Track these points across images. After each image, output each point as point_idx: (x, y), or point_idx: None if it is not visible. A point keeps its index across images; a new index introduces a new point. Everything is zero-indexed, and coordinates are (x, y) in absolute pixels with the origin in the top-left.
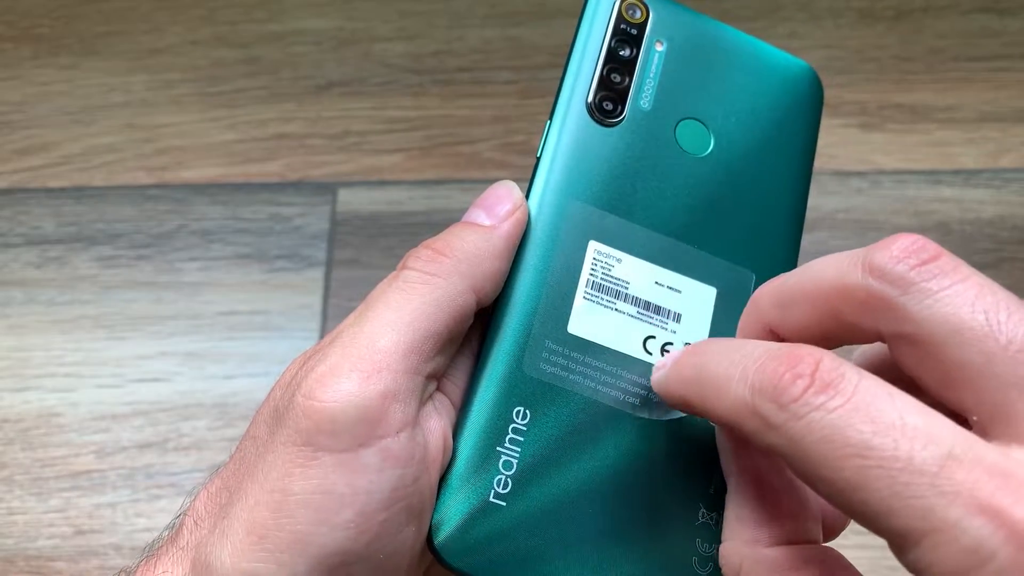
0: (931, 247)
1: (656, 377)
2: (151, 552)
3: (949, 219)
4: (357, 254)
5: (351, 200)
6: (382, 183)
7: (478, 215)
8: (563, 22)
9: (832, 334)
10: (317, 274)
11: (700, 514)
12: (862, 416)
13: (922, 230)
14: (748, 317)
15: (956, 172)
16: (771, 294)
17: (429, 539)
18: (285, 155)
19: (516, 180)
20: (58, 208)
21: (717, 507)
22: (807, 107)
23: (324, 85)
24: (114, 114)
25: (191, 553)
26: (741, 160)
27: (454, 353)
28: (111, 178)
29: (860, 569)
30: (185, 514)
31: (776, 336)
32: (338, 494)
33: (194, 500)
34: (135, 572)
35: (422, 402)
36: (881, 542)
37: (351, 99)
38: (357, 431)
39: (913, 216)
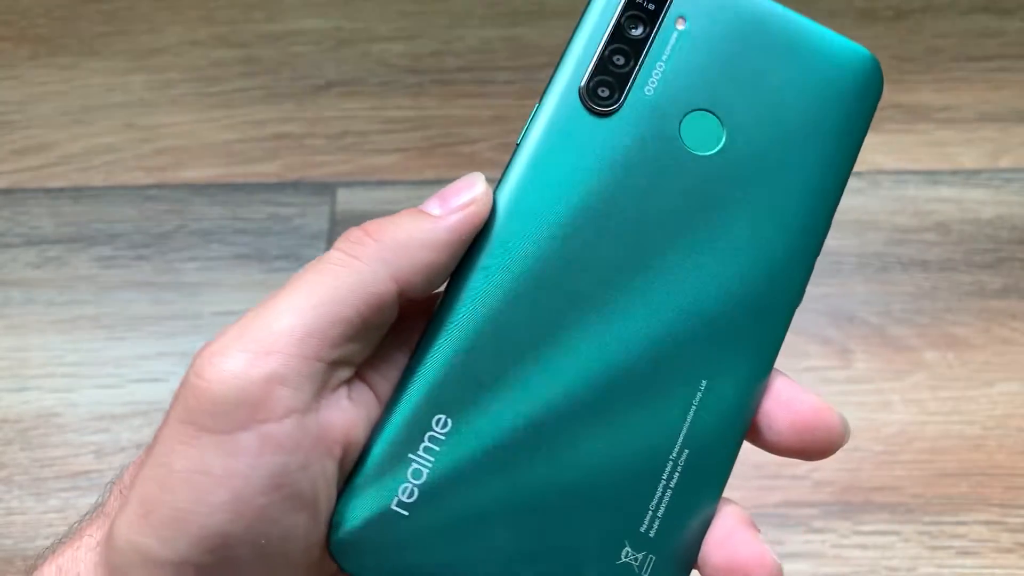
0: None
1: None
2: (87, 518)
3: (948, 219)
4: None
5: (350, 200)
6: (381, 183)
7: (431, 204)
8: (563, 22)
9: None
10: None
11: (624, 553)
12: None
13: (921, 230)
14: None
15: (955, 172)
16: None
17: (327, 536)
18: (284, 155)
19: None
20: (57, 208)
21: (645, 548)
22: (855, 105)
23: (323, 85)
24: (113, 114)
25: (110, 520)
26: (755, 163)
27: (377, 342)
28: (110, 178)
29: (860, 569)
30: (115, 483)
31: None
32: (214, 475)
33: (124, 472)
34: (70, 535)
35: (327, 389)
36: (882, 543)
37: (350, 99)
38: (236, 414)
39: (912, 216)
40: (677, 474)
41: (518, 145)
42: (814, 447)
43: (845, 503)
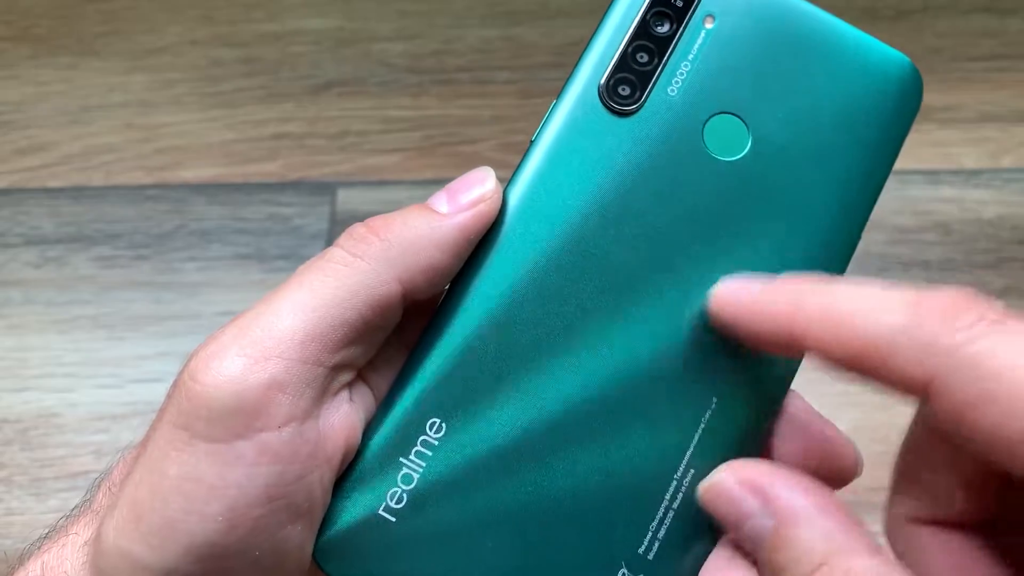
0: (985, 301)
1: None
2: (76, 511)
3: (949, 219)
4: None
5: (350, 200)
6: (381, 183)
7: (439, 200)
8: (563, 22)
9: (869, 369)
10: None
11: (620, 574)
12: None
13: (922, 230)
14: (771, 310)
15: (956, 172)
16: (818, 306)
17: None
18: (284, 155)
19: None
20: (57, 208)
21: (644, 571)
22: (891, 116)
23: (323, 85)
24: (113, 114)
25: (99, 519)
26: (781, 172)
27: (380, 343)
28: (110, 178)
29: None
30: (104, 478)
31: (793, 347)
32: (208, 484)
33: (112, 468)
34: (56, 532)
35: (328, 394)
36: (881, 543)
37: (350, 99)
38: (233, 421)
39: (913, 216)
40: (681, 495)
41: (532, 142)
42: (824, 478)
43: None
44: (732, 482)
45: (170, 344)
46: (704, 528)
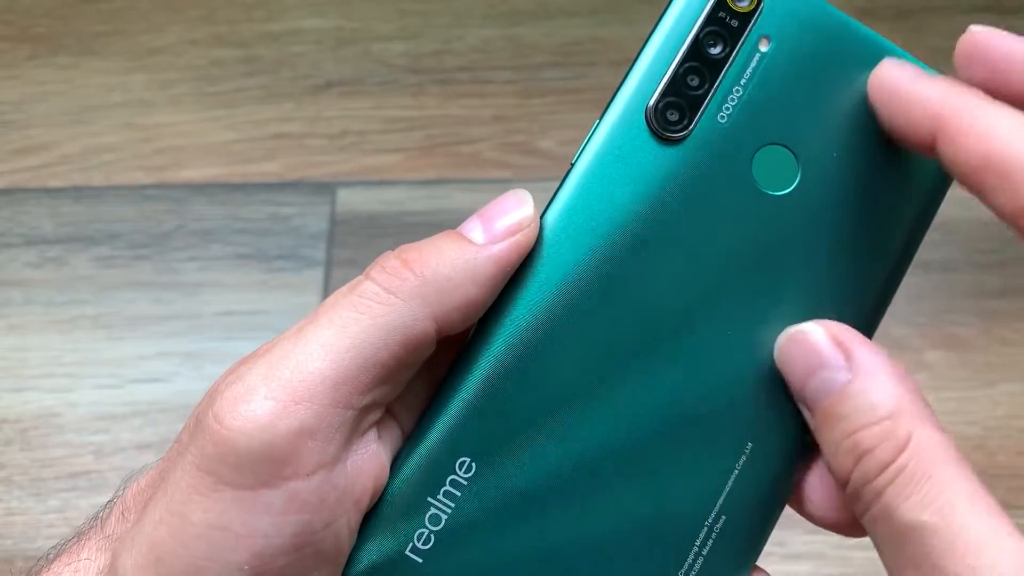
0: None
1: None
2: (80, 533)
3: (951, 219)
4: (356, 254)
5: (350, 200)
6: (381, 183)
7: (473, 227)
8: (563, 22)
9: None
10: (316, 274)
11: None
12: None
13: None
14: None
15: None
16: (995, 42)
17: None
18: (284, 155)
19: (515, 181)
20: (57, 208)
21: None
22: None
23: (323, 85)
24: (113, 114)
25: (113, 545)
26: (829, 209)
27: (408, 379)
28: (110, 178)
29: (862, 570)
30: (116, 502)
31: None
32: (234, 533)
33: (126, 490)
34: (65, 550)
35: (355, 435)
36: None
37: (350, 99)
38: (261, 469)
39: None
40: (711, 541)
41: (572, 165)
42: (849, 529)
43: None
44: (821, 333)
45: (170, 344)
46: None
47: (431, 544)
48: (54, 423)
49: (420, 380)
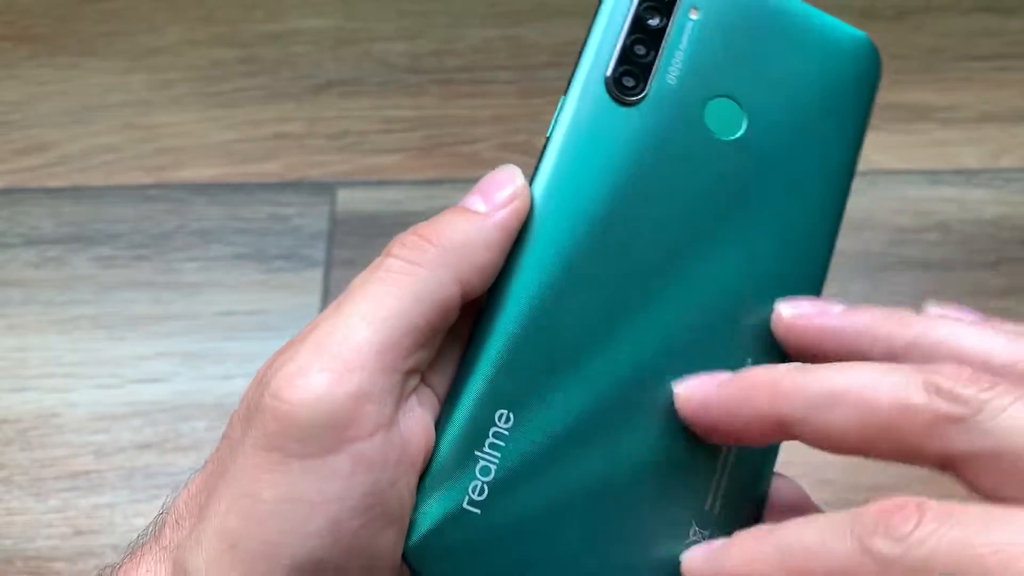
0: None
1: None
2: (135, 549)
3: (949, 219)
4: (356, 254)
5: (350, 200)
6: (381, 183)
7: (474, 201)
8: (563, 22)
9: (877, 449)
10: (316, 274)
11: (691, 532)
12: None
13: (922, 230)
14: (754, 404)
15: (957, 172)
16: (799, 388)
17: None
18: (284, 155)
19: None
20: (56, 208)
21: (710, 525)
22: (857, 86)
23: (323, 85)
24: (113, 114)
25: (172, 554)
26: (775, 146)
27: (440, 344)
28: (110, 178)
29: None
30: (167, 512)
31: (786, 434)
32: (308, 502)
33: (175, 499)
34: (119, 569)
35: (402, 399)
36: None
37: (350, 99)
38: (326, 436)
39: (913, 216)
40: (735, 449)
41: (548, 138)
42: None
43: (845, 501)
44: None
45: (170, 344)
46: (759, 478)
47: (485, 495)
48: (54, 423)
49: (448, 348)
